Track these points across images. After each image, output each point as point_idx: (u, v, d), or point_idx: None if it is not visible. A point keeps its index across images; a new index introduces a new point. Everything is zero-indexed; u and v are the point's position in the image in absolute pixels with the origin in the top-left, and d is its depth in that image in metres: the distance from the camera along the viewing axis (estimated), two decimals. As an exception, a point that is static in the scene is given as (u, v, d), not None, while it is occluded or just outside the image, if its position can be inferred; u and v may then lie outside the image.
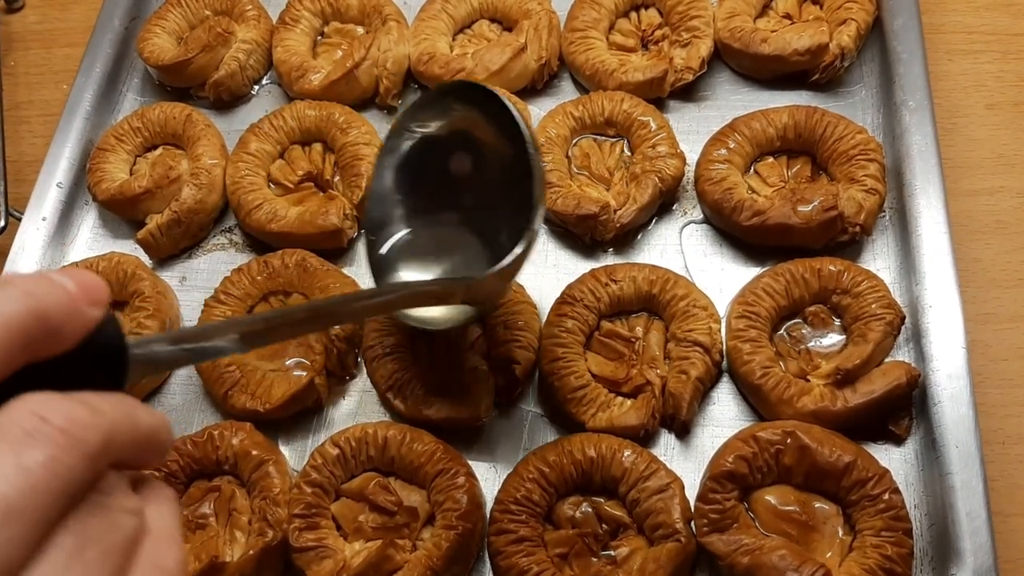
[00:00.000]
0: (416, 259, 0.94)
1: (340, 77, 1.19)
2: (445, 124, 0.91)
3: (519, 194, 0.80)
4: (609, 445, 0.91)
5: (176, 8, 1.30)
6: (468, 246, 0.91)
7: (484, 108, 0.85)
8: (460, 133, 0.90)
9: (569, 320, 1.00)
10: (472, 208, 0.92)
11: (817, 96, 1.14)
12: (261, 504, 0.93)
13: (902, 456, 0.92)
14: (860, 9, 1.12)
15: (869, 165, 1.02)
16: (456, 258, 0.92)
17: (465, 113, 0.88)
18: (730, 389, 0.99)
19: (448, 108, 0.90)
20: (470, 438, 1.00)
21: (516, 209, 0.81)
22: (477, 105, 0.86)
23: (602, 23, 1.20)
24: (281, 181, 1.17)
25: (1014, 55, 1.20)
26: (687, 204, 1.11)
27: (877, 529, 0.84)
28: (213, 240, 1.18)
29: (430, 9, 1.25)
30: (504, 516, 0.90)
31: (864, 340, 0.93)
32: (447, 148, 0.92)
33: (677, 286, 1.00)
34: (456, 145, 0.91)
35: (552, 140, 1.11)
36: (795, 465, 0.88)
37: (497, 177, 0.89)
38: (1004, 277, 1.07)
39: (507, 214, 0.83)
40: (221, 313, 1.06)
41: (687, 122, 1.15)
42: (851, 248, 1.03)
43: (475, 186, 0.92)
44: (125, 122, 1.22)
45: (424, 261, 0.94)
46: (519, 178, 0.80)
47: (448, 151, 0.92)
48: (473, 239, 0.92)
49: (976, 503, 0.85)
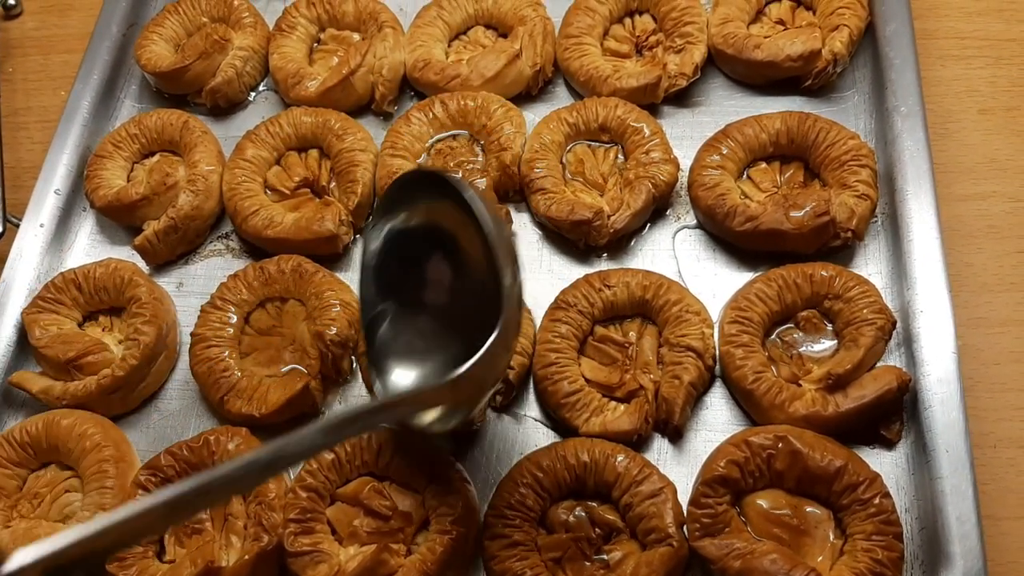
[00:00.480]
0: (405, 358, 0.87)
1: (336, 84, 1.20)
2: (414, 216, 0.86)
3: (492, 285, 0.75)
4: (602, 450, 0.92)
5: (173, 15, 1.31)
6: (451, 342, 0.84)
7: (446, 194, 0.79)
8: (430, 225, 0.84)
9: (563, 325, 1.00)
10: (451, 302, 0.87)
11: (810, 102, 1.14)
12: (256, 509, 0.94)
13: (893, 460, 0.93)
14: (853, 15, 1.13)
15: (861, 171, 1.03)
16: (440, 356, 0.85)
17: (431, 203, 0.83)
18: (723, 394, 1.00)
19: (414, 199, 0.85)
20: (465, 443, 1.00)
21: (489, 300, 0.76)
22: (440, 191, 0.79)
23: (596, 29, 1.21)
24: (277, 187, 1.18)
25: (1006, 60, 1.21)
26: (681, 209, 1.11)
27: (868, 533, 0.85)
28: (210, 246, 1.19)
29: (426, 16, 1.26)
30: (498, 521, 0.91)
31: (855, 345, 0.93)
32: (420, 241, 0.86)
33: (670, 291, 1.00)
34: (428, 237, 0.85)
35: (546, 146, 1.12)
36: (787, 470, 0.88)
37: (470, 268, 0.82)
38: (996, 281, 1.07)
39: (482, 305, 0.77)
40: (217, 318, 1.07)
41: (681, 128, 1.16)
42: (843, 253, 1.04)
43: (452, 278, 0.86)
44: (122, 129, 1.22)
45: (412, 360, 0.87)
46: (490, 267, 0.75)
47: (421, 244, 0.86)
48: (455, 334, 0.85)
49: (966, 507, 0.85)
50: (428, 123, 1.17)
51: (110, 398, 1.05)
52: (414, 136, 1.16)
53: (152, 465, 0.98)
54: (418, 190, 0.84)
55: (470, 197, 0.76)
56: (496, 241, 0.75)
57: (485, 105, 1.15)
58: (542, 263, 1.10)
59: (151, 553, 0.94)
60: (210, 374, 1.04)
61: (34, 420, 1.02)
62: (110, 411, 1.06)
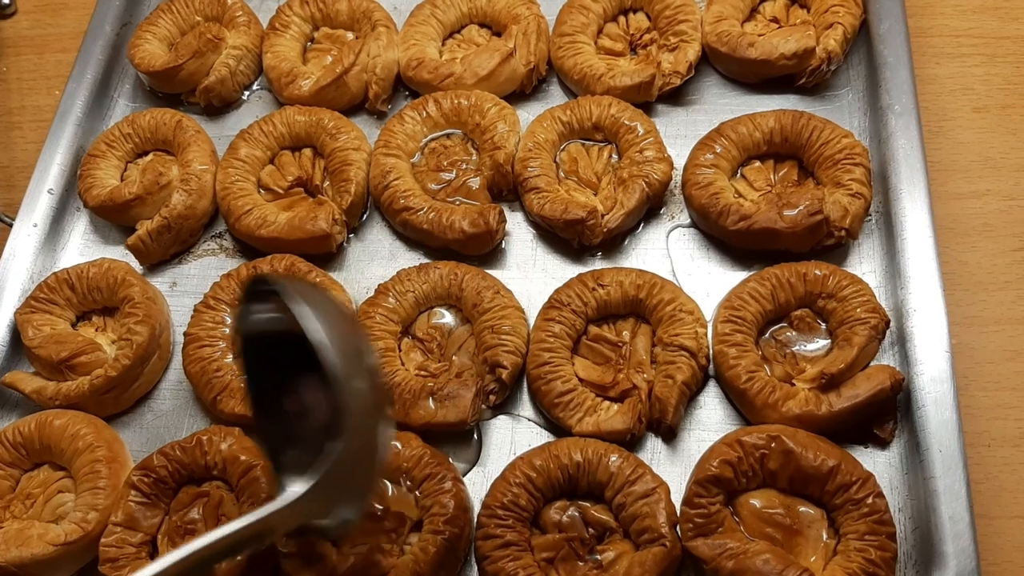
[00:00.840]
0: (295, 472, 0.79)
1: (330, 83, 1.20)
2: (271, 321, 0.79)
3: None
4: (595, 450, 0.92)
5: (167, 14, 1.31)
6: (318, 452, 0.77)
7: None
8: (283, 330, 0.76)
9: (556, 325, 1.00)
10: (313, 409, 0.80)
11: (804, 100, 1.14)
12: (249, 509, 0.93)
13: (886, 460, 0.93)
14: (847, 13, 1.13)
15: (855, 169, 1.02)
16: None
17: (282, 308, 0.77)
18: (716, 393, 1.00)
19: (268, 304, 0.79)
20: (458, 442, 1.00)
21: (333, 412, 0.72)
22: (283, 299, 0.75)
23: (590, 27, 1.21)
24: (271, 186, 1.18)
25: (1001, 58, 1.20)
26: (675, 208, 1.11)
27: (861, 533, 0.85)
28: (203, 245, 1.19)
29: (419, 14, 1.25)
30: (491, 521, 0.91)
31: (849, 344, 0.93)
32: (277, 346, 0.79)
33: (664, 291, 1.00)
34: (282, 342, 0.77)
35: (540, 145, 1.11)
36: (780, 469, 0.88)
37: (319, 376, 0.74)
38: (990, 280, 1.07)
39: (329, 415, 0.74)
40: (211, 318, 1.06)
41: (675, 126, 1.16)
42: (837, 252, 1.04)
43: (307, 385, 0.80)
44: (116, 128, 1.22)
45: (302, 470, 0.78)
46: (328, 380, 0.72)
47: (278, 349, 0.79)
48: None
49: (959, 507, 0.85)
50: (422, 122, 1.17)
51: (103, 398, 1.05)
52: (408, 135, 1.16)
53: (145, 465, 0.97)
54: (271, 296, 0.78)
55: (300, 312, 0.72)
56: (326, 352, 0.71)
57: (479, 104, 1.15)
58: (536, 262, 1.10)
59: (144, 554, 0.94)
60: (203, 374, 1.03)
61: (27, 420, 1.02)
62: (103, 411, 1.06)
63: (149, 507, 0.96)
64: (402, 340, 1.06)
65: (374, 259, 1.14)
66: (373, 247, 1.15)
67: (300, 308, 0.72)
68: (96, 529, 0.95)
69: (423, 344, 1.05)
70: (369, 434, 0.76)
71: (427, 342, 1.05)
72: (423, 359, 1.04)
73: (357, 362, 0.74)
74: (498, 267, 1.10)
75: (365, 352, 0.77)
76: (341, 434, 0.73)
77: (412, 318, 1.07)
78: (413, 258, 1.13)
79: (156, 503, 0.97)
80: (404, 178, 1.13)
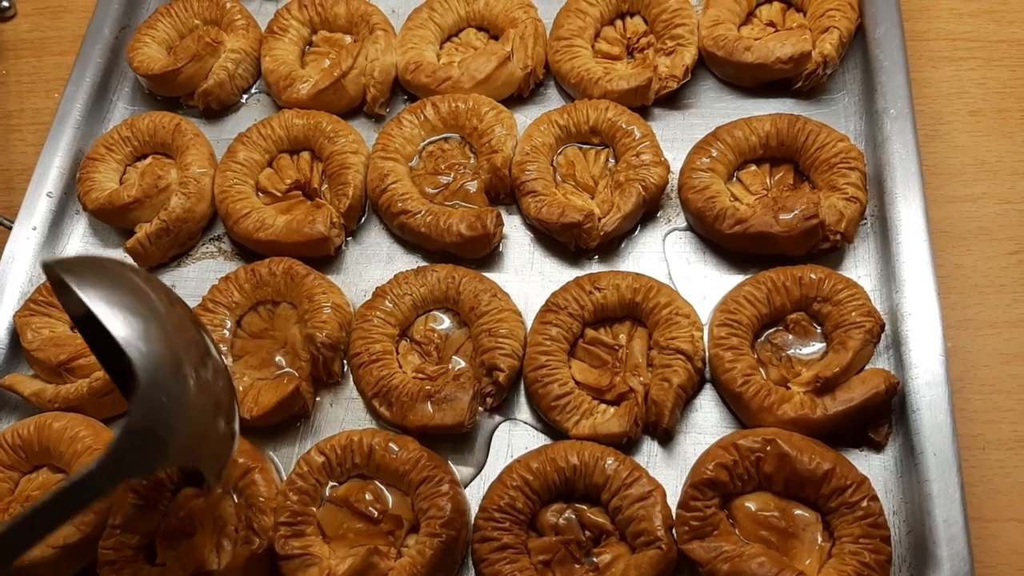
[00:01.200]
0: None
1: (328, 86, 1.20)
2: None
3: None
4: (592, 453, 0.92)
5: (166, 17, 1.31)
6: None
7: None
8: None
9: (553, 328, 1.01)
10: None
11: (800, 103, 1.15)
12: (247, 512, 0.94)
13: (881, 463, 0.93)
14: (843, 17, 1.13)
15: (850, 173, 1.03)
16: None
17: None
18: (712, 396, 1.00)
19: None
20: (455, 445, 1.00)
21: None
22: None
23: (587, 31, 1.21)
24: (269, 190, 1.18)
25: (997, 62, 1.21)
26: (671, 211, 1.11)
27: (855, 536, 0.85)
28: (202, 248, 1.19)
29: (417, 18, 1.26)
30: (488, 524, 0.91)
31: (844, 348, 0.93)
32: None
33: (660, 294, 1.01)
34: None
35: (537, 148, 1.12)
36: (775, 472, 0.89)
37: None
38: (985, 283, 1.08)
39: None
40: (208, 321, 1.07)
41: (671, 130, 1.16)
42: (833, 256, 1.04)
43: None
44: (115, 131, 1.22)
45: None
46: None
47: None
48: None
49: (953, 510, 0.86)
50: (419, 125, 1.17)
51: (102, 401, 1.05)
52: (405, 138, 1.16)
53: (143, 468, 0.98)
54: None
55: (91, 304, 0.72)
56: (107, 322, 0.71)
57: (476, 107, 1.16)
58: (533, 265, 1.11)
59: (142, 557, 0.95)
60: (201, 377, 1.04)
61: (26, 423, 1.03)
62: (102, 414, 1.06)
63: (147, 509, 0.96)
64: (400, 343, 1.06)
65: (372, 262, 1.14)
66: (371, 250, 1.15)
67: (92, 302, 0.72)
68: (94, 532, 0.96)
69: (421, 347, 1.05)
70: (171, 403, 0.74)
71: (425, 345, 1.05)
72: (420, 362, 1.04)
73: (146, 327, 0.73)
74: (495, 270, 1.11)
75: (160, 322, 0.76)
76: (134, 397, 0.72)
77: (410, 321, 1.07)
78: (411, 261, 1.14)
79: (154, 505, 0.97)
80: (402, 181, 1.13)
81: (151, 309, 0.76)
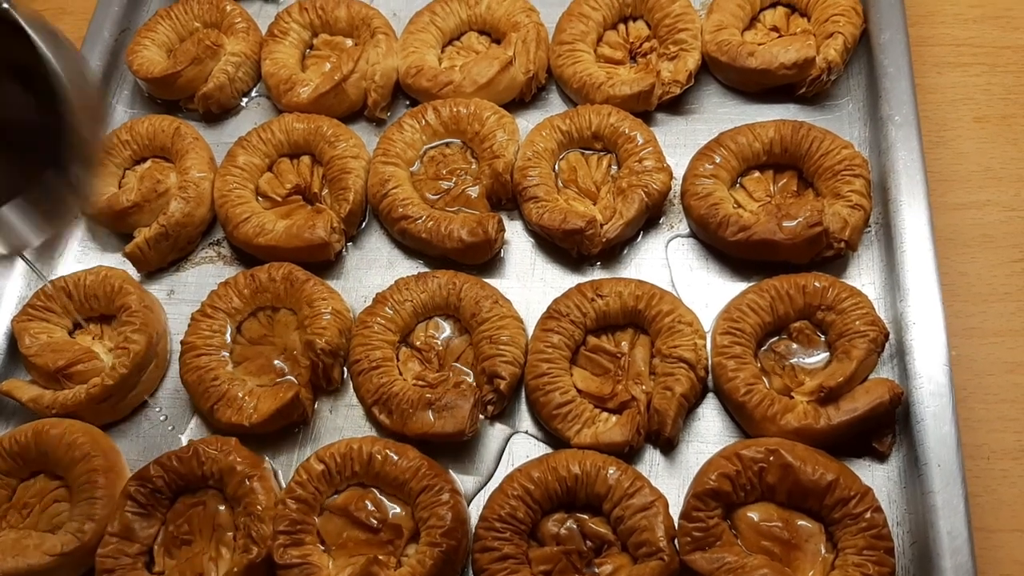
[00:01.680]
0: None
1: (328, 90, 1.19)
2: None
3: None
4: (594, 462, 0.92)
5: (165, 20, 1.31)
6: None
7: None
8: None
9: (555, 335, 1.00)
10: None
11: (804, 109, 1.14)
12: (246, 520, 0.93)
13: (885, 473, 0.93)
14: (847, 22, 1.12)
15: (855, 180, 1.02)
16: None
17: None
18: (715, 405, 0.99)
19: None
20: (456, 453, 1.00)
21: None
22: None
23: (590, 36, 1.20)
24: (269, 194, 1.17)
25: (1002, 68, 1.20)
26: (674, 218, 1.11)
27: (859, 547, 0.85)
28: (201, 253, 1.18)
29: (419, 21, 1.25)
30: (488, 533, 0.90)
31: (848, 357, 0.93)
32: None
33: (663, 301, 1.00)
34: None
35: (539, 154, 1.11)
36: (778, 483, 0.88)
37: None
38: (990, 291, 1.07)
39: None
40: (208, 326, 1.06)
41: (674, 135, 1.15)
42: (836, 263, 1.03)
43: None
44: (114, 135, 1.22)
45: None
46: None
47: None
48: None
49: (958, 522, 0.85)
50: (421, 130, 1.16)
51: (100, 407, 1.05)
52: (406, 143, 1.16)
53: (141, 476, 0.97)
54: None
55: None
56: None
57: (478, 112, 1.15)
58: (534, 272, 1.10)
59: (140, 565, 0.94)
60: (200, 383, 1.03)
61: (24, 429, 1.02)
62: (100, 420, 1.06)
63: (145, 517, 0.96)
64: (400, 350, 1.05)
65: (372, 267, 1.14)
66: (371, 255, 1.15)
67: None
68: (92, 539, 0.95)
69: (421, 354, 1.05)
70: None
71: (425, 352, 1.05)
72: (421, 369, 1.04)
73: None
74: (497, 276, 1.10)
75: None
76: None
77: (410, 328, 1.06)
78: (411, 267, 1.13)
79: (152, 513, 0.96)
80: (403, 186, 1.13)
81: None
